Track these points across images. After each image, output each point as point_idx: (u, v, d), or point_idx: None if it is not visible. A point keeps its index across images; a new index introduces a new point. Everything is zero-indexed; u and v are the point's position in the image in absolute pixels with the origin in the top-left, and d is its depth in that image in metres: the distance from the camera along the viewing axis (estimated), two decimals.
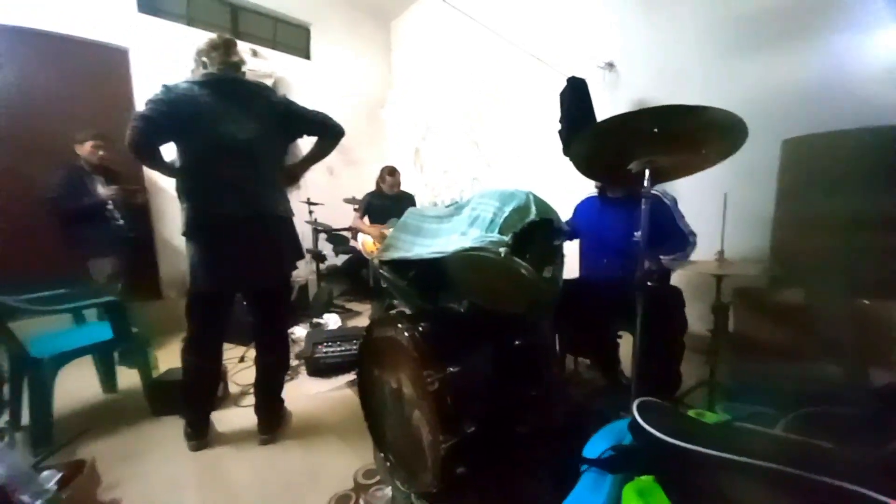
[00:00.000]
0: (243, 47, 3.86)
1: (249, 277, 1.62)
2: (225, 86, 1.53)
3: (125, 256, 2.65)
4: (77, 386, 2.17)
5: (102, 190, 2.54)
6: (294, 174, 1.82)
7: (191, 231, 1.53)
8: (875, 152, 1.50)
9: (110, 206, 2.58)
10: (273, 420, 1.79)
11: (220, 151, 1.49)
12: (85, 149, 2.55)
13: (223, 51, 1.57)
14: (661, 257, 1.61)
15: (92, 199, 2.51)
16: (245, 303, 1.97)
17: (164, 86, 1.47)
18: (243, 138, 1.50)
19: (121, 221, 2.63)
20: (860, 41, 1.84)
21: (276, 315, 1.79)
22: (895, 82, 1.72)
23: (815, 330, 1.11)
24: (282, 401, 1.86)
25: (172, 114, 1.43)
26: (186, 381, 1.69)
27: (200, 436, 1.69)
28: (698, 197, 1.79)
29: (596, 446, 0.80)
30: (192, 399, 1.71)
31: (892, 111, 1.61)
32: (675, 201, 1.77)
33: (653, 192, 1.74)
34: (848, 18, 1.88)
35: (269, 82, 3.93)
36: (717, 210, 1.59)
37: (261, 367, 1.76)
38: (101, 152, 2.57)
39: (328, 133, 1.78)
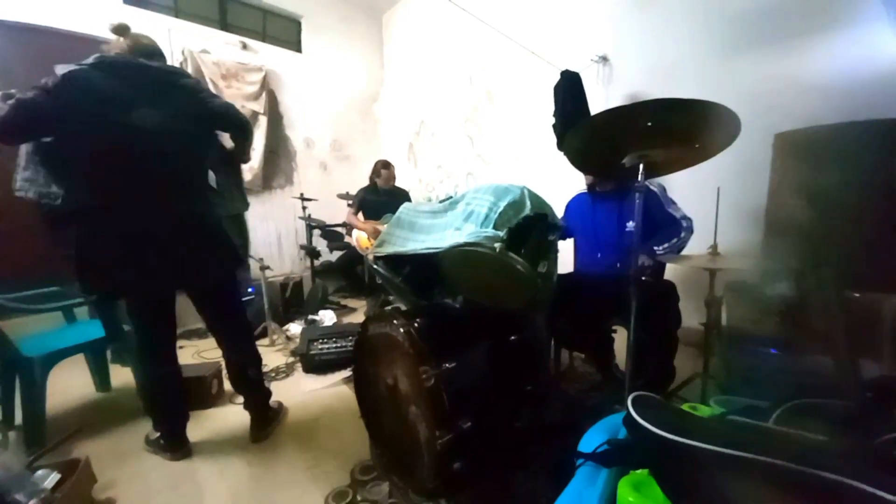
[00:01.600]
0: (232, 39, 3.83)
1: (168, 279, 1.48)
2: (124, 70, 1.35)
3: None
4: (70, 384, 2.15)
5: None
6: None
7: (94, 233, 1.38)
8: (867, 146, 1.51)
9: None
10: (261, 418, 1.76)
11: (123, 142, 1.34)
12: None
13: (117, 38, 1.44)
14: (655, 248, 1.61)
15: None
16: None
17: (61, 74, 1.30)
18: (148, 127, 1.35)
19: None
20: (852, 37, 1.85)
21: (222, 315, 1.70)
22: (886, 77, 1.73)
23: (807, 323, 1.13)
24: (266, 395, 1.82)
25: (63, 102, 1.27)
26: (148, 395, 1.61)
27: (178, 447, 1.62)
28: (692, 191, 1.80)
29: (591, 440, 0.81)
30: (160, 412, 1.63)
31: (882, 105, 1.62)
32: (662, 188, 1.76)
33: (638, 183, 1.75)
34: (840, 15, 1.88)
35: (259, 76, 3.89)
36: (711, 204, 1.60)
37: (229, 367, 1.74)
38: None
39: (233, 129, 1.61)
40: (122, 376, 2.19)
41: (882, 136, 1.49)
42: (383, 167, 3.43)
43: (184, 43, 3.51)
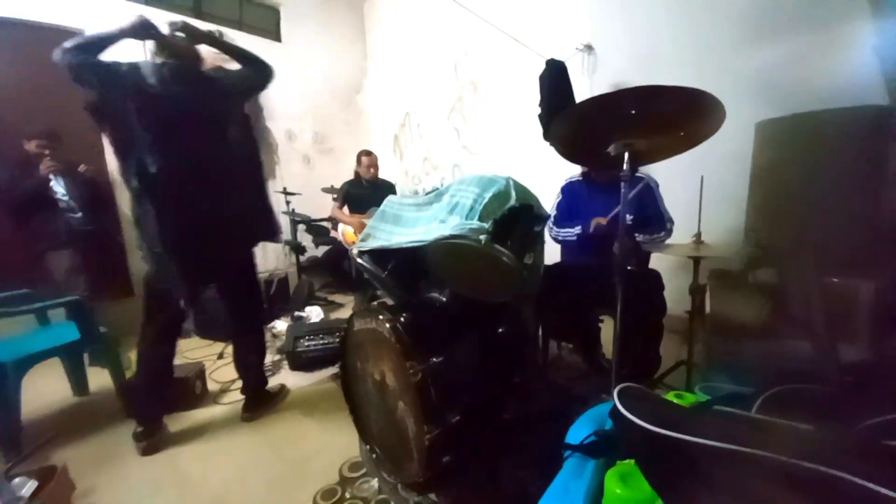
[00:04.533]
0: (207, 28, 3.69)
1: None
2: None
3: (85, 250, 2.53)
4: (46, 389, 2.09)
5: (41, 167, 2.36)
6: None
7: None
8: (844, 133, 1.53)
9: (65, 197, 2.45)
10: (253, 400, 1.86)
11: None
12: (31, 147, 2.41)
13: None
14: (639, 239, 1.63)
15: (32, 183, 2.36)
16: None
17: None
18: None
19: (79, 214, 2.49)
20: (832, 27, 1.87)
21: (243, 295, 1.84)
22: (864, 66, 1.75)
23: (788, 309, 1.15)
24: (262, 381, 1.94)
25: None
26: (145, 374, 1.65)
27: (151, 434, 1.63)
28: (676, 180, 1.81)
29: (578, 431, 0.81)
30: (148, 395, 1.67)
31: (861, 93, 1.64)
32: (657, 184, 1.79)
33: (638, 174, 1.76)
34: (820, 6, 1.90)
35: (236, 66, 3.76)
36: (694, 193, 1.61)
37: (237, 350, 1.87)
38: (46, 151, 2.41)
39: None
40: (100, 379, 2.13)
41: (859, 123, 1.52)
42: (364, 154, 3.38)
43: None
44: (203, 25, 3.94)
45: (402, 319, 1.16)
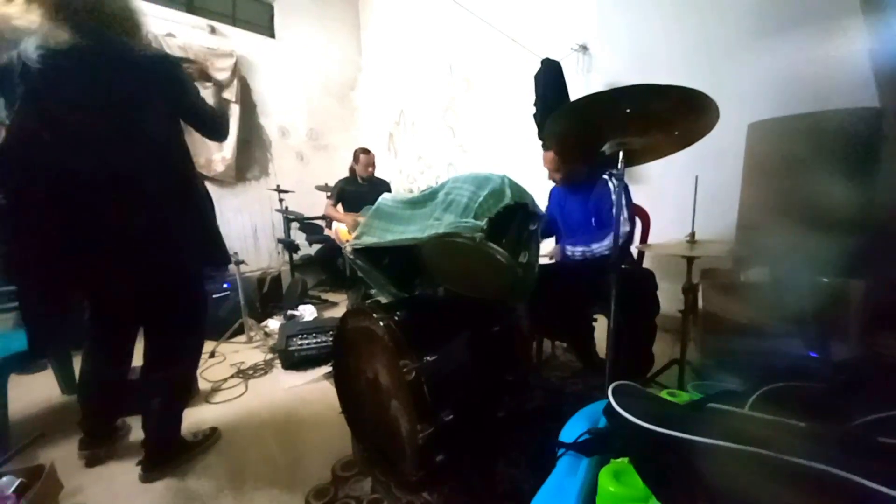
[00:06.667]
0: (199, 23, 3.65)
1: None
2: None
3: None
4: (34, 387, 2.05)
5: None
6: None
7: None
8: (836, 135, 1.55)
9: None
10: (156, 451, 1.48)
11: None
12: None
13: None
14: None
15: None
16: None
17: None
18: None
19: None
20: (824, 28, 1.88)
21: (171, 312, 1.42)
22: (856, 67, 1.77)
23: (780, 307, 1.16)
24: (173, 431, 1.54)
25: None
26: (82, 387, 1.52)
27: (95, 445, 1.52)
28: (670, 179, 1.82)
29: (572, 429, 0.81)
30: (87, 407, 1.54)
31: (853, 94, 1.66)
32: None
33: (615, 174, 1.77)
34: (813, 7, 1.92)
35: (229, 62, 3.73)
36: (688, 192, 1.62)
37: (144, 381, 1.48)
38: None
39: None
40: None
41: (852, 126, 1.53)
42: (362, 152, 3.37)
43: (147, 26, 3.32)
44: (196, 21, 3.90)
45: (395, 318, 1.15)
